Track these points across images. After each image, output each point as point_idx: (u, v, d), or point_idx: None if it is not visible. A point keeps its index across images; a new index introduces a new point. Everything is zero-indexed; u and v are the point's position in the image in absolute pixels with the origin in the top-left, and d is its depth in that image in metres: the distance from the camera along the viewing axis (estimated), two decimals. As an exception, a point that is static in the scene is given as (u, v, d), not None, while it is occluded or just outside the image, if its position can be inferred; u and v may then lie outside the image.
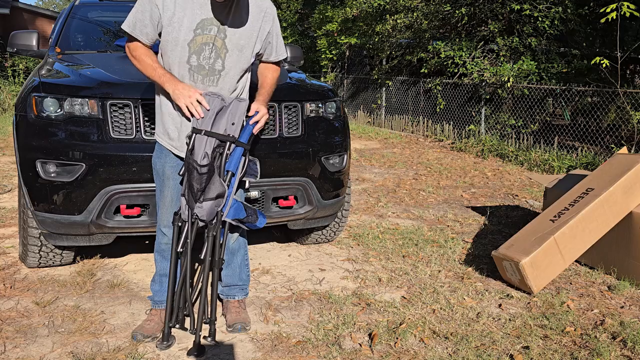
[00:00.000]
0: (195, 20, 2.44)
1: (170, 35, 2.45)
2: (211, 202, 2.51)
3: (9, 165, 6.71)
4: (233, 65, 2.54)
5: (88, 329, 2.75)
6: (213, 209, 2.53)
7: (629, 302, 3.17)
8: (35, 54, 4.04)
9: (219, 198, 2.52)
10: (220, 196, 2.52)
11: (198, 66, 2.49)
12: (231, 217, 2.59)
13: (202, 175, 2.46)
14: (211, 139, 2.47)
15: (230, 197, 2.56)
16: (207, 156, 2.46)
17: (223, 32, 2.48)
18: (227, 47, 2.50)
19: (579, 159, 7.17)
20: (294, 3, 16.57)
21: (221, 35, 2.48)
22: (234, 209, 2.59)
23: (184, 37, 2.45)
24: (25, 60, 14.56)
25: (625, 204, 3.38)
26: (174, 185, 2.64)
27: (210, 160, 2.47)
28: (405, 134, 10.72)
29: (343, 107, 3.69)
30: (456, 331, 2.78)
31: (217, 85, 2.54)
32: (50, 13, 19.89)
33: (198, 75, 2.51)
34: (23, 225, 3.24)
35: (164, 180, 2.65)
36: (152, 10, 2.43)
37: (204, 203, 2.50)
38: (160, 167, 2.65)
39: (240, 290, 2.92)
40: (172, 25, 2.44)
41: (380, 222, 4.72)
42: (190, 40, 2.46)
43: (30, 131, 2.94)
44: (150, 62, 2.51)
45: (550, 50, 9.37)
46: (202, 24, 2.45)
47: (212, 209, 2.52)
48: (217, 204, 2.53)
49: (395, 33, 11.07)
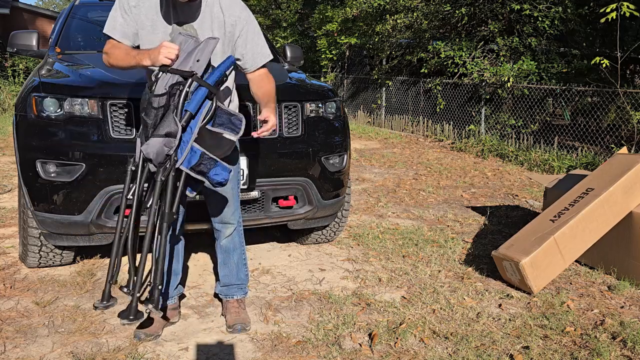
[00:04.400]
0: (169, 23, 2.46)
1: (146, 38, 2.48)
2: (160, 139, 2.25)
3: (9, 165, 6.71)
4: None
5: (88, 329, 2.75)
6: (162, 148, 2.25)
7: (629, 302, 3.17)
8: (35, 54, 4.03)
9: (169, 137, 2.25)
10: (171, 135, 2.24)
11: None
12: (186, 165, 2.29)
13: (156, 109, 2.25)
14: (175, 76, 2.27)
15: (188, 143, 2.27)
16: (165, 89, 2.25)
17: (196, 35, 2.47)
18: None
19: (579, 159, 7.17)
20: (294, 3, 16.57)
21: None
22: (190, 157, 2.29)
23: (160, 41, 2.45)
24: (25, 60, 14.55)
25: (625, 204, 3.38)
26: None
27: (166, 96, 2.25)
28: (405, 134, 10.72)
29: (343, 107, 3.69)
30: (456, 331, 2.78)
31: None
32: (50, 13, 19.88)
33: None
34: (23, 225, 3.24)
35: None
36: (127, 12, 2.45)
37: (151, 139, 2.25)
38: None
39: (238, 289, 2.92)
40: (145, 29, 2.47)
41: (380, 222, 4.72)
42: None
43: (30, 131, 2.94)
44: (123, 48, 2.45)
45: (550, 50, 9.37)
46: (175, 27, 2.46)
47: (160, 147, 2.25)
48: (166, 142, 2.25)
49: (395, 33, 11.07)
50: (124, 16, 2.46)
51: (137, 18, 2.46)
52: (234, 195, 2.78)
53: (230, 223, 2.81)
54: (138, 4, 2.46)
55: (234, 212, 2.79)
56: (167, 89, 2.26)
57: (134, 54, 2.43)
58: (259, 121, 2.75)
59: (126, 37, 2.49)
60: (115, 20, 2.49)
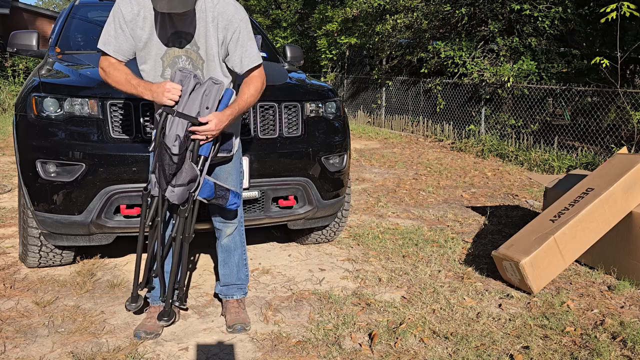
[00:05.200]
0: (166, 34, 2.45)
1: (143, 50, 2.48)
2: (184, 187, 2.49)
3: (9, 165, 6.71)
4: (213, 74, 2.52)
5: (88, 329, 2.75)
6: (185, 193, 2.51)
7: (629, 302, 3.17)
8: (35, 54, 4.03)
9: (191, 183, 2.49)
10: (193, 181, 2.49)
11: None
12: (202, 196, 2.57)
13: (174, 162, 2.43)
14: (183, 120, 2.41)
15: (201, 181, 2.54)
16: (179, 139, 2.40)
17: (195, 44, 2.47)
18: (202, 58, 2.50)
19: (579, 159, 7.17)
20: (294, 3, 16.57)
21: (194, 48, 2.48)
22: (204, 188, 2.56)
23: (156, 52, 2.47)
24: (25, 60, 14.55)
25: (625, 204, 3.38)
26: None
27: (181, 147, 2.42)
28: (405, 134, 10.72)
29: (343, 107, 3.69)
30: (456, 331, 2.78)
31: None
32: (50, 13, 19.87)
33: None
34: (23, 225, 3.24)
35: None
36: (122, 25, 2.44)
37: (176, 189, 2.48)
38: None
39: (238, 289, 2.92)
40: (141, 40, 2.46)
41: (380, 222, 4.72)
42: (163, 54, 2.48)
43: (30, 131, 2.94)
44: (124, 74, 2.48)
45: (550, 50, 9.38)
46: (172, 37, 2.46)
47: (184, 193, 2.50)
48: (189, 188, 2.50)
49: (395, 33, 11.07)
50: (118, 31, 2.45)
51: (133, 33, 2.46)
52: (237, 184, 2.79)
53: (232, 222, 2.81)
54: (134, 18, 2.44)
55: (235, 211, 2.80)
56: (179, 137, 2.41)
57: (135, 84, 2.45)
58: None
59: (120, 52, 2.49)
60: (109, 34, 2.48)
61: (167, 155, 2.43)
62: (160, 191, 2.53)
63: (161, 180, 2.49)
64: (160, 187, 2.51)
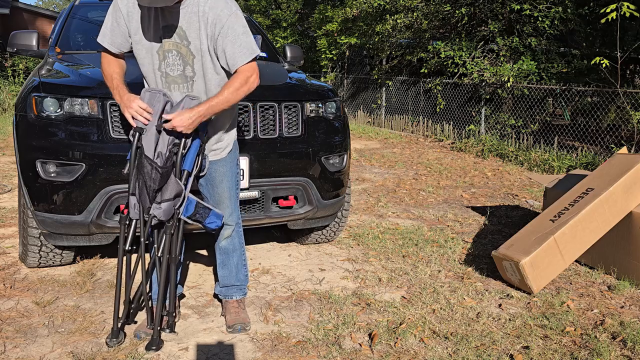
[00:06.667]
0: (158, 28, 2.47)
1: (139, 43, 2.50)
2: (170, 202, 2.51)
3: (9, 165, 6.71)
4: (204, 70, 2.52)
5: (88, 329, 2.75)
6: (171, 209, 2.53)
7: (629, 302, 3.17)
8: (35, 54, 4.03)
9: (177, 198, 2.52)
10: (178, 196, 2.52)
11: (168, 73, 2.51)
12: (185, 215, 2.58)
13: (160, 175, 2.45)
14: (165, 137, 2.44)
15: (186, 196, 2.56)
16: (162, 156, 2.45)
17: (185, 38, 2.47)
18: (192, 53, 2.50)
19: (579, 159, 7.17)
20: (294, 3, 16.57)
21: (184, 43, 2.48)
22: (188, 207, 2.58)
23: (150, 46, 2.49)
24: (25, 60, 14.55)
25: (625, 204, 3.38)
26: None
27: (165, 161, 2.46)
28: (405, 134, 10.72)
29: (343, 107, 3.69)
30: (456, 331, 2.78)
31: (193, 91, 2.56)
32: (50, 13, 19.87)
33: (174, 85, 2.53)
34: (23, 225, 3.24)
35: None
36: (119, 19, 2.48)
37: (163, 204, 2.50)
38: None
39: (238, 290, 2.92)
40: (138, 33, 2.48)
41: (380, 222, 4.72)
42: (157, 48, 2.49)
43: (30, 131, 2.94)
44: (110, 71, 2.56)
45: (550, 50, 9.38)
46: (164, 31, 2.47)
47: (170, 209, 2.53)
48: (174, 203, 2.53)
49: (395, 33, 11.07)
50: (114, 24, 2.51)
51: (128, 27, 2.49)
52: (232, 196, 2.77)
53: (229, 224, 2.80)
54: (129, 12, 2.47)
55: (231, 213, 2.78)
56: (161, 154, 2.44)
57: (114, 85, 2.53)
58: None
59: (114, 45, 2.54)
60: (106, 27, 2.54)
61: (154, 170, 2.44)
62: (142, 213, 2.53)
63: (144, 199, 2.50)
64: (143, 207, 2.52)
